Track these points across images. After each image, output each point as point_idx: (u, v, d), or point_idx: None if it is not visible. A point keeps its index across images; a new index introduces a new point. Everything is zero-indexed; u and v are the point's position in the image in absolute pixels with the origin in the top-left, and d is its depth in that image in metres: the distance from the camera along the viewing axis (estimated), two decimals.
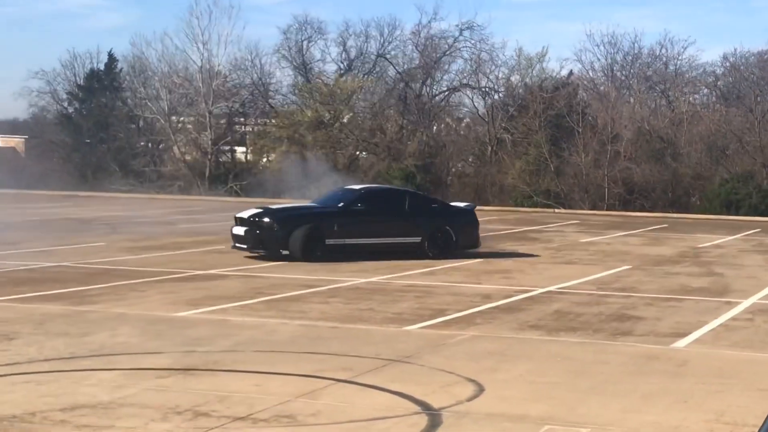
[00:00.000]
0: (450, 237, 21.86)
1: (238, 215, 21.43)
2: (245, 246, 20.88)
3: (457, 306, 15.01)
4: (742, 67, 51.71)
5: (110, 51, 55.09)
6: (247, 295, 15.79)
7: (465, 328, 13.10)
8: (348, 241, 21.04)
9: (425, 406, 9.01)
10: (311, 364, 10.69)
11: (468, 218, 22.61)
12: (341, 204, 21.65)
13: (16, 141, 62.80)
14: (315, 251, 20.51)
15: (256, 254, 20.87)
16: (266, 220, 20.89)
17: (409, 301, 15.53)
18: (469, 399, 9.33)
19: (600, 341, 12.43)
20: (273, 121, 55.34)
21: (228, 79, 54.82)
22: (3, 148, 62.73)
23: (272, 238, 20.56)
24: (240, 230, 20.97)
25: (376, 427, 8.38)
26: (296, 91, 57.06)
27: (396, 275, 18.64)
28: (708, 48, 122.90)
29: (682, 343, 12.44)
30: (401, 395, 9.41)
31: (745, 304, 15.95)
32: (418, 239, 21.69)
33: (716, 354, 11.87)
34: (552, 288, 17.29)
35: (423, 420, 8.61)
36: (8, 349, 11.22)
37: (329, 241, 20.79)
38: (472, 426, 8.45)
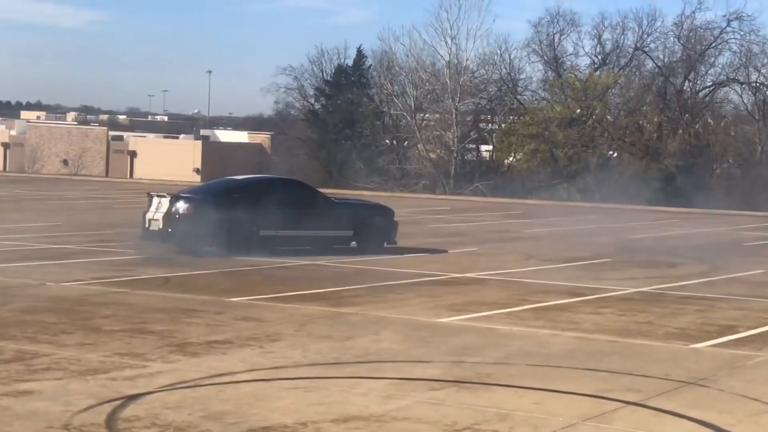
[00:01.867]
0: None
1: None
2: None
3: (748, 322, 13.98)
4: None
5: (359, 47, 56.06)
6: (510, 301, 15.29)
7: (761, 348, 12.12)
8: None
9: None
10: (594, 383, 10.05)
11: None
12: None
13: (262, 137, 64.49)
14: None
15: None
16: None
17: (690, 314, 14.60)
18: None
19: None
20: (521, 118, 54.67)
21: (476, 75, 54.70)
22: (250, 144, 64.47)
23: None
24: None
25: None
26: (546, 87, 56.29)
27: (669, 285, 17.69)
28: None
29: None
30: (703, 424, 8.64)
31: None
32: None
33: None
34: None
35: None
36: (273, 351, 11.15)
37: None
38: None
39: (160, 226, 19.99)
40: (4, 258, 18.65)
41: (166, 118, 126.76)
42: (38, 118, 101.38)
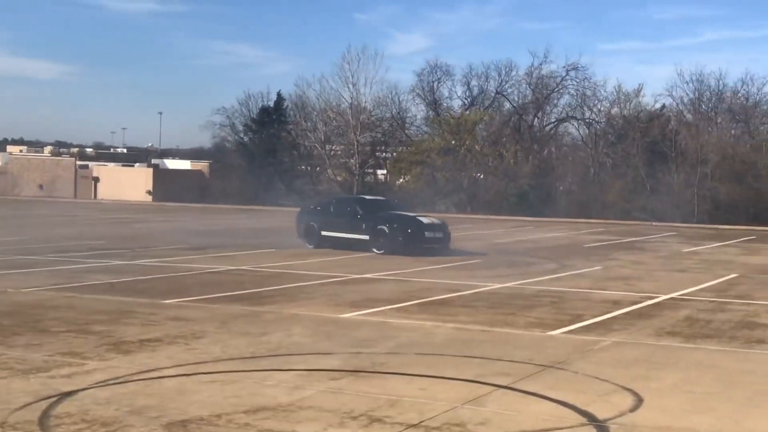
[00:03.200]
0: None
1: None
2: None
3: (592, 312, 13.37)
4: None
5: (279, 91, 54.98)
6: (401, 297, 14.47)
7: (605, 334, 11.48)
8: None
9: (591, 417, 7.49)
10: (471, 369, 9.27)
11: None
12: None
13: (202, 165, 63.20)
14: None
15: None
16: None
17: (545, 306, 13.96)
18: (631, 410, 7.77)
19: (739, 349, 10.67)
20: (408, 148, 54.30)
21: (372, 114, 54.02)
22: (192, 170, 63.22)
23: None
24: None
25: None
26: (428, 123, 55.94)
27: (528, 281, 17.06)
28: None
29: None
30: (563, 404, 7.90)
31: None
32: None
33: None
34: (673, 295, 15.47)
35: None
36: (197, 348, 10.13)
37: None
38: None
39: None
40: None
41: (125, 150, 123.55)
42: (21, 151, 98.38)
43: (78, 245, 22.65)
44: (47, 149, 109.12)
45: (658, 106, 50.98)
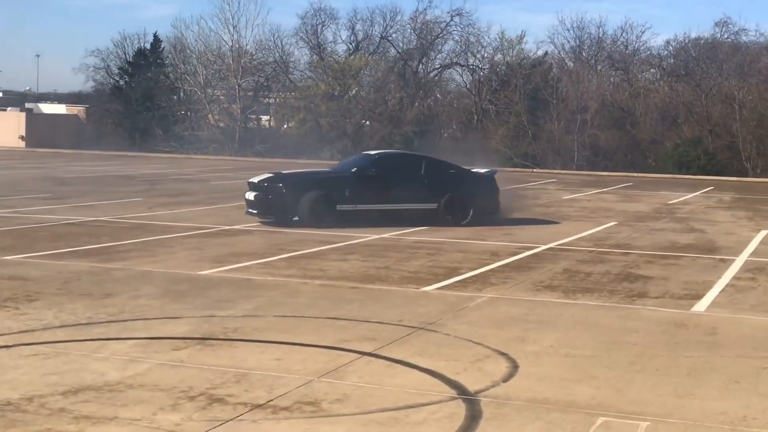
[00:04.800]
0: (465, 204, 17.25)
1: (251, 180, 17.21)
2: (255, 211, 16.74)
3: (469, 264, 12.61)
4: (691, 50, 48.86)
5: (155, 33, 52.44)
6: (269, 251, 13.39)
7: (482, 290, 10.71)
8: (360, 206, 16.71)
9: (460, 390, 6.65)
10: (334, 333, 8.32)
11: (487, 185, 17.87)
12: (355, 169, 17.22)
13: (78, 109, 60.39)
14: (325, 217, 16.42)
15: (267, 220, 16.78)
16: (277, 185, 16.63)
17: (422, 258, 13.13)
18: (505, 379, 6.97)
19: (619, 305, 10.04)
20: (292, 93, 52.86)
21: (254, 58, 52.13)
22: (68, 115, 60.44)
23: (281, 204, 16.43)
24: (251, 195, 16.80)
25: (410, 419, 6.03)
26: (312, 68, 54.45)
27: (406, 231, 16.21)
28: (663, 33, 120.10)
29: (700, 306, 10.06)
30: (431, 373, 7.05)
31: (739, 262, 13.58)
32: (433, 206, 17.11)
33: (742, 321, 9.46)
34: (552, 245, 14.89)
35: (461, 409, 6.25)
36: (27, 313, 8.85)
37: (340, 207, 16.61)
38: (518, 418, 6.10)
39: None
40: None
41: (0, 94, 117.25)
42: None
43: None
44: None
45: (540, 53, 50.86)
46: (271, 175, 17.29)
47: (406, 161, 18.24)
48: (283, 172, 17.97)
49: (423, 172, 17.47)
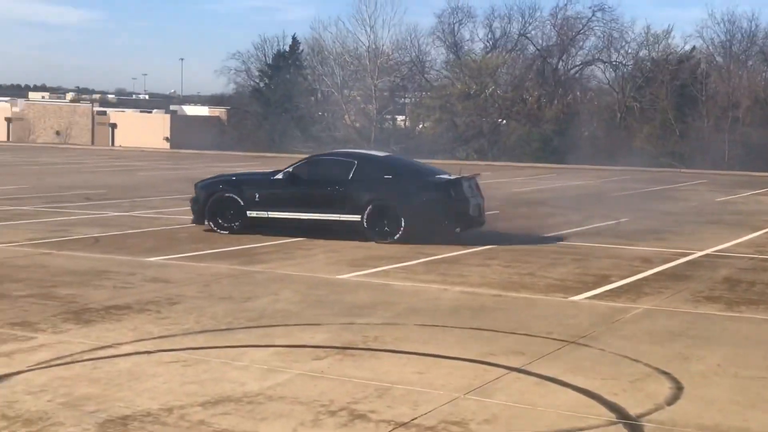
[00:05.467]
0: (395, 216, 13.98)
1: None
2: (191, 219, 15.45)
3: (620, 271, 11.94)
4: None
5: (294, 35, 53.35)
6: (408, 255, 13.07)
7: (636, 300, 10.07)
8: (271, 214, 14.68)
9: (620, 413, 6.13)
10: (478, 345, 7.92)
11: (433, 194, 14.16)
12: (279, 172, 15.16)
13: (220, 111, 62.13)
14: (231, 222, 14.79)
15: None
16: (196, 187, 15.49)
17: (568, 264, 12.53)
18: (669, 402, 6.39)
19: None
20: (428, 93, 52.72)
21: (390, 58, 52.38)
22: (210, 117, 62.17)
23: (195, 208, 15.23)
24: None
25: None
26: (448, 67, 54.21)
27: (549, 235, 15.59)
28: None
29: None
30: (587, 393, 6.54)
31: None
32: (356, 217, 14.17)
33: None
34: (709, 251, 13.99)
35: None
36: (168, 317, 8.84)
37: (251, 213, 14.75)
38: None
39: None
40: None
41: (147, 97, 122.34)
42: (42, 97, 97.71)
43: (75, 195, 21.44)
44: (69, 96, 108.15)
45: (687, 48, 48.88)
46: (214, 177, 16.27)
47: (338, 163, 14.90)
48: (229, 173, 16.72)
49: (351, 176, 14.37)
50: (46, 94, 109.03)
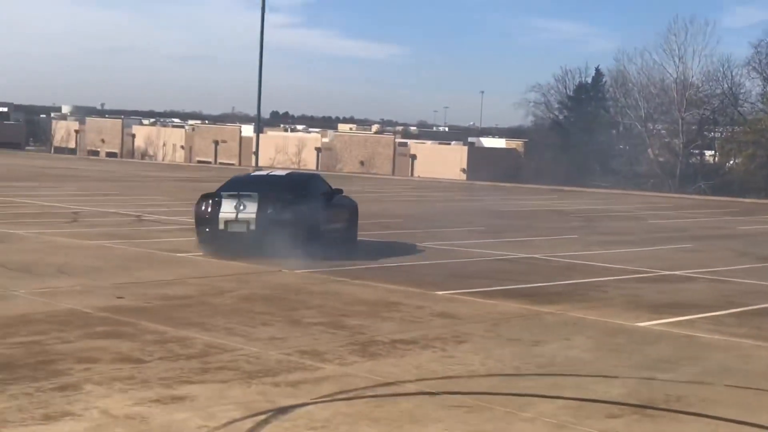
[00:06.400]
0: None
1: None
2: None
3: None
4: None
5: (597, 67, 52.49)
6: (717, 304, 11.95)
7: None
8: None
9: None
10: None
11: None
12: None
13: (517, 143, 62.36)
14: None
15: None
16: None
17: None
18: None
19: None
20: (741, 127, 49.38)
21: (700, 90, 49.74)
22: (507, 149, 62.55)
23: None
24: None
25: None
26: (765, 100, 50.49)
27: None
28: None
29: None
30: None
31: None
32: None
33: None
34: None
35: None
36: (454, 356, 8.57)
37: None
38: None
39: None
40: None
41: (446, 129, 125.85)
42: (350, 129, 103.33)
43: (372, 223, 22.06)
44: (374, 127, 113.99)
45: None
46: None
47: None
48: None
49: None
50: (354, 126, 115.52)
